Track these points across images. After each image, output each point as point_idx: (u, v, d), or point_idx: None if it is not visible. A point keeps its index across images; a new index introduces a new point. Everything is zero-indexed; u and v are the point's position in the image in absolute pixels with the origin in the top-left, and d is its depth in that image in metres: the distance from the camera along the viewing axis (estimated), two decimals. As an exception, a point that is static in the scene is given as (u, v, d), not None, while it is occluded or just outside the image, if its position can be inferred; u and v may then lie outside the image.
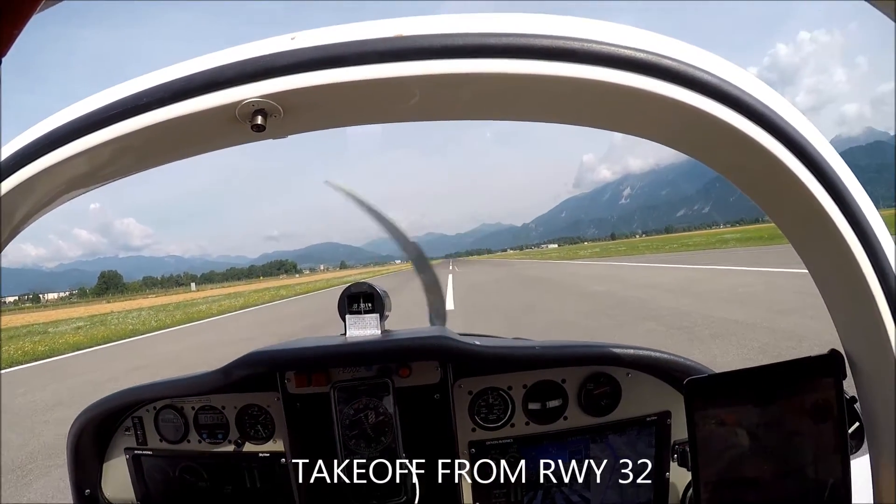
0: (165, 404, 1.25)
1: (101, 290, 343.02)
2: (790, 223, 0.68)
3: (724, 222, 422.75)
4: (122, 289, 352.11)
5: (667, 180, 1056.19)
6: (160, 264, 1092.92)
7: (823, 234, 0.63)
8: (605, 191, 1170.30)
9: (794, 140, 0.59)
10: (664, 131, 0.68)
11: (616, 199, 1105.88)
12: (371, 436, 1.09)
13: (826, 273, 0.67)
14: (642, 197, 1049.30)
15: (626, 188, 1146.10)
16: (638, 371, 1.16)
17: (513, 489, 1.17)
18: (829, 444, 0.71)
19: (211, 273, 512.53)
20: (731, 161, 0.67)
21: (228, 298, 39.77)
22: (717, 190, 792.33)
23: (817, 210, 0.61)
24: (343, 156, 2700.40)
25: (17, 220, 0.66)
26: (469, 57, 0.58)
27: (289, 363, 1.14)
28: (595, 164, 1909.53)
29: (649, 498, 1.17)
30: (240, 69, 0.59)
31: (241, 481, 1.22)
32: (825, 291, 0.68)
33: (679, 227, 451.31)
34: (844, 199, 0.61)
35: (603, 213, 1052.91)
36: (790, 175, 0.61)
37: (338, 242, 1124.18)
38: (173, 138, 0.64)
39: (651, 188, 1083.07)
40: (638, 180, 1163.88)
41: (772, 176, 0.63)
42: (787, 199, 0.65)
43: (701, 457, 0.74)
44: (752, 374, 0.73)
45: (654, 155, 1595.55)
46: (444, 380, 1.13)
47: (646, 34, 0.59)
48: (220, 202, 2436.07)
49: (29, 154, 0.61)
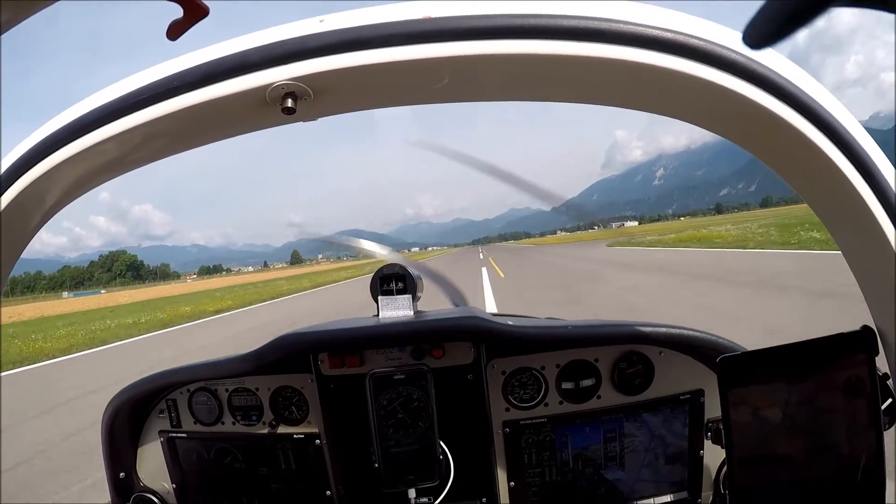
0: (199, 387, 1.25)
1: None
2: (821, 201, 0.68)
3: (778, 200, 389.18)
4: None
5: (701, 160, 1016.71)
6: (183, 253, 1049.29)
7: (854, 212, 0.63)
8: (636, 172, 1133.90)
9: (823, 118, 0.59)
10: (692, 111, 0.67)
11: (649, 180, 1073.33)
12: (408, 422, 1.08)
13: (857, 250, 0.67)
14: (676, 178, 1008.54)
15: (658, 169, 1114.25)
16: (671, 350, 1.15)
17: (547, 469, 1.17)
18: (861, 421, 0.71)
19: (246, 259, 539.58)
20: (761, 140, 0.66)
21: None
22: (760, 168, 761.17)
23: (848, 188, 0.61)
24: (369, 139, 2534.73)
25: (48, 205, 0.67)
26: (497, 38, 0.57)
27: (322, 345, 1.14)
28: (627, 143, 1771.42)
29: (683, 476, 1.16)
30: (269, 52, 0.59)
31: (275, 462, 1.23)
32: (857, 269, 0.68)
33: (730, 207, 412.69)
34: (874, 178, 0.61)
35: (637, 195, 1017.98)
36: (820, 154, 0.60)
37: (363, 230, 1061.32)
38: (204, 122, 0.64)
39: (685, 169, 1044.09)
40: (671, 161, 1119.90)
41: (802, 155, 0.63)
42: (818, 178, 0.65)
43: (734, 434, 0.74)
44: (784, 352, 0.73)
45: (686, 135, 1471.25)
46: (477, 360, 1.13)
47: (673, 14, 0.59)
48: (241, 188, 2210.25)
49: (60, 139, 0.61)
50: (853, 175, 0.61)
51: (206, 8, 0.48)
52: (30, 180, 0.62)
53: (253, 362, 1.15)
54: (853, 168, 0.61)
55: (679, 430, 1.15)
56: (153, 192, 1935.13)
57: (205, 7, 0.48)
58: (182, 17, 0.49)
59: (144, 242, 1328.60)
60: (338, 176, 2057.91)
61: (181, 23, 0.49)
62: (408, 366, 1.10)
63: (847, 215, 0.65)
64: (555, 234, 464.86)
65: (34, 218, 0.67)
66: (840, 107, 0.61)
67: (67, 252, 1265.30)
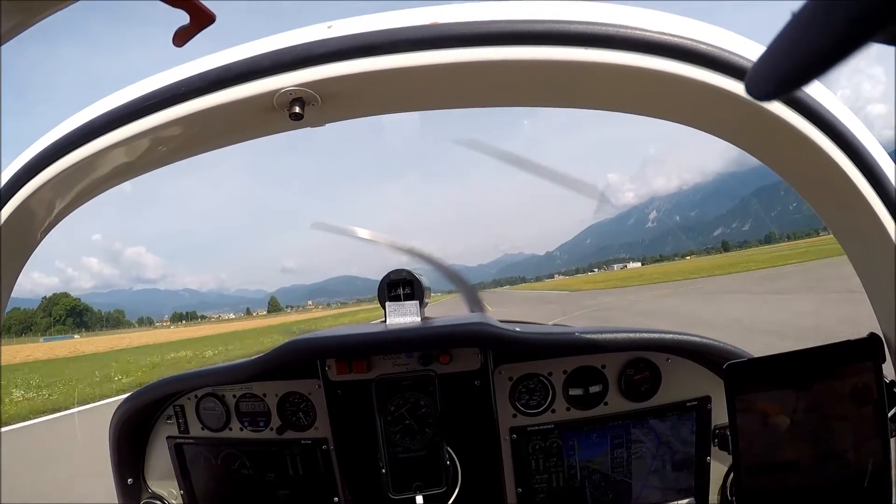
0: (207, 392, 1.25)
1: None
2: (830, 211, 0.69)
3: (780, 235, 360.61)
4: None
5: (694, 201, 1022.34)
6: (175, 297, 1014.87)
7: (864, 221, 0.64)
8: (629, 215, 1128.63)
9: (834, 127, 0.60)
10: (698, 116, 0.68)
11: (643, 223, 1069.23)
12: (415, 429, 1.08)
13: (865, 258, 0.68)
14: (670, 219, 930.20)
15: (651, 211, 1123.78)
16: (678, 356, 1.16)
17: (554, 475, 1.17)
18: (869, 427, 0.71)
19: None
20: (772, 150, 0.67)
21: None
22: (753, 206, 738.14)
23: (858, 198, 0.62)
24: (364, 183, 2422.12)
25: (57, 210, 0.68)
26: (506, 44, 0.58)
27: (329, 350, 1.15)
28: (619, 185, 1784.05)
29: (690, 482, 1.17)
30: (277, 58, 0.59)
31: (283, 468, 1.23)
32: (864, 277, 0.69)
33: (734, 245, 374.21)
34: (883, 186, 0.62)
35: (632, 238, 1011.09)
36: (831, 164, 0.61)
37: (357, 275, 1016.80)
38: (211, 127, 0.65)
39: (678, 210, 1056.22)
40: (664, 202, 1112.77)
41: (813, 165, 0.63)
42: (828, 188, 0.66)
43: (741, 441, 0.74)
44: (791, 358, 0.73)
45: (677, 176, 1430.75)
46: (484, 366, 1.14)
47: (685, 21, 0.59)
48: (235, 233, 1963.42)
49: (69, 144, 0.62)
50: (862, 183, 0.62)
51: (213, 15, 0.48)
52: (38, 184, 0.63)
53: (260, 368, 1.16)
54: (862, 176, 0.61)
55: (686, 437, 1.15)
56: (146, 235, 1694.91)
57: (211, 14, 0.48)
58: (189, 23, 0.49)
59: (136, 286, 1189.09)
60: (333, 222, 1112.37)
61: (188, 29, 0.49)
62: (415, 371, 1.10)
63: (856, 224, 0.66)
64: (552, 277, 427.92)
65: (42, 222, 0.68)
66: (850, 114, 0.61)
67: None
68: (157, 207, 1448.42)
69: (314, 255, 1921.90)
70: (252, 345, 23.77)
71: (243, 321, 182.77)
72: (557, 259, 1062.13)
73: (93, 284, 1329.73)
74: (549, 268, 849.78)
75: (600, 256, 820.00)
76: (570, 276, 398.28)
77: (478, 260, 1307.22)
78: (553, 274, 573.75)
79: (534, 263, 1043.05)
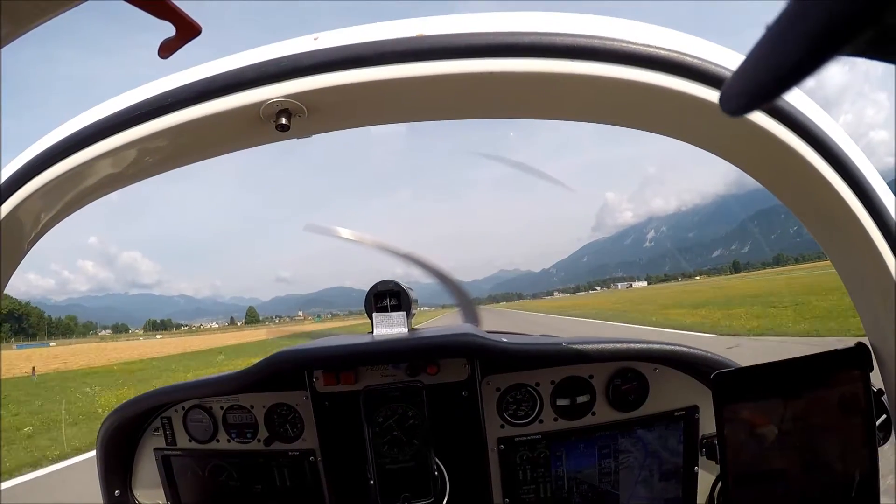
0: (194, 404, 1.25)
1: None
2: (818, 222, 0.69)
3: (788, 259, 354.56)
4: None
5: (692, 223, 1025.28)
6: (170, 303, 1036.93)
7: (851, 232, 0.64)
8: (627, 234, 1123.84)
9: (818, 138, 0.60)
10: (681, 127, 0.68)
11: (640, 242, 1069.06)
12: (403, 439, 1.08)
13: (852, 269, 0.68)
14: (668, 240, 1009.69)
15: (649, 231, 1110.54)
16: (665, 366, 1.16)
17: (542, 485, 1.17)
18: (856, 437, 0.71)
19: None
20: (754, 158, 0.68)
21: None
22: (752, 229, 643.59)
23: (842, 208, 0.63)
24: (353, 202, 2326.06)
25: (44, 221, 0.68)
26: (491, 56, 0.58)
27: (317, 362, 1.14)
28: (617, 205, 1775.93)
29: (678, 492, 1.17)
30: (263, 69, 0.59)
31: (270, 480, 1.23)
32: (851, 287, 0.69)
33: (748, 266, 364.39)
34: (870, 198, 0.62)
35: (629, 257, 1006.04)
36: (815, 174, 0.62)
37: (351, 287, 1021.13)
38: (198, 138, 0.65)
39: (676, 231, 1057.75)
40: (662, 223, 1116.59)
41: (796, 174, 0.64)
42: (815, 200, 0.66)
43: (729, 450, 0.74)
44: (778, 368, 0.73)
45: (676, 197, 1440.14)
46: (471, 377, 1.14)
47: (670, 33, 0.60)
48: (232, 240, 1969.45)
49: (54, 155, 0.62)
50: (847, 194, 0.62)
51: (199, 27, 0.48)
52: (26, 195, 0.63)
53: (247, 379, 1.15)
54: (847, 186, 0.62)
55: (674, 447, 1.15)
56: (142, 240, 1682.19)
57: (197, 26, 0.48)
58: (174, 35, 0.48)
59: (132, 290, 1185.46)
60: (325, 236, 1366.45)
61: (173, 41, 0.49)
62: (402, 382, 1.10)
63: (843, 235, 0.66)
64: (551, 295, 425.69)
65: (29, 234, 0.68)
66: (837, 128, 0.62)
67: (54, 295, 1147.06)
68: (153, 212, 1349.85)
69: (309, 264, 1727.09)
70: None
71: (225, 332, 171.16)
72: (554, 276, 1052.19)
73: (88, 288, 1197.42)
74: (546, 285, 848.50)
75: (597, 275, 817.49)
76: (569, 293, 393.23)
77: (472, 275, 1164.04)
78: (552, 291, 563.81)
79: (530, 280, 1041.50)
